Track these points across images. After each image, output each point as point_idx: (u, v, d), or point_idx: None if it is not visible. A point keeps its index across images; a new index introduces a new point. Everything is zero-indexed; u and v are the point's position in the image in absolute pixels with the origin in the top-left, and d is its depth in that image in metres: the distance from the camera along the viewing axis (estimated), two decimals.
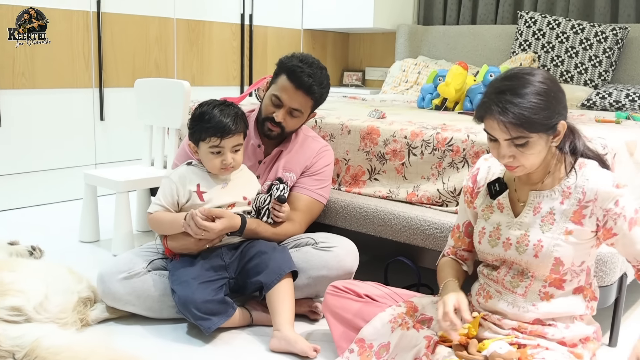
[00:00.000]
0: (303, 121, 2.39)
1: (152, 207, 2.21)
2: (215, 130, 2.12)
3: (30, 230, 3.35)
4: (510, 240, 1.75)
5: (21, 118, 3.82)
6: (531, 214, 1.73)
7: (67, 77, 3.98)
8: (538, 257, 1.70)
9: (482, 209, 1.85)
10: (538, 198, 1.73)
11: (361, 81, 5.82)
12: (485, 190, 1.85)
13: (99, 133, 4.20)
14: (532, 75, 1.61)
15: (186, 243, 2.18)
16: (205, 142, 2.15)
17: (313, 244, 2.27)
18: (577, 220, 1.67)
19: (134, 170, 3.22)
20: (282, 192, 2.27)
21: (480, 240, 1.83)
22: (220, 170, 2.17)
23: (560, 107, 1.62)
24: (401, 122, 2.66)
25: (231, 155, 2.16)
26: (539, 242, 1.70)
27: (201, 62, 4.73)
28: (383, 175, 2.57)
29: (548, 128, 1.61)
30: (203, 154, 2.17)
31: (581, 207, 1.67)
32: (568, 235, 1.68)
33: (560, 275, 1.70)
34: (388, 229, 2.40)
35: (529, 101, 1.57)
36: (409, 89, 4.77)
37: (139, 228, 3.40)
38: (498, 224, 1.79)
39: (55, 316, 2.04)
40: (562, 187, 1.70)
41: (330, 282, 2.10)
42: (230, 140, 2.14)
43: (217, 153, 2.15)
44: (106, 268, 2.20)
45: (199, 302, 2.04)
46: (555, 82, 1.64)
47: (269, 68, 5.21)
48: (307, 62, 2.29)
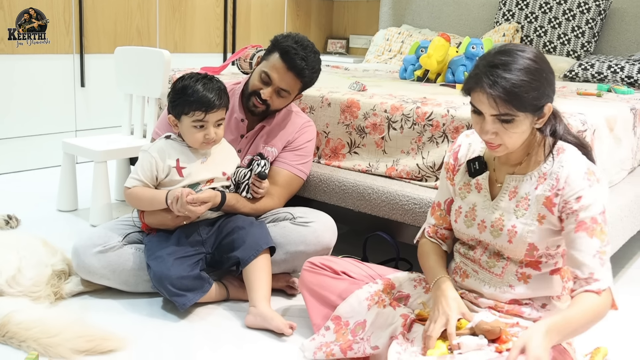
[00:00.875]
0: (289, 102, 2.34)
1: (129, 182, 2.14)
2: (199, 105, 2.05)
3: (7, 198, 3.27)
4: (485, 223, 1.70)
5: (1, 84, 3.70)
6: (507, 198, 1.67)
7: (47, 44, 3.85)
8: (512, 242, 1.65)
9: (460, 186, 1.79)
10: (514, 182, 1.67)
11: (345, 49, 5.74)
12: (465, 168, 1.79)
13: (79, 100, 4.08)
14: (525, 52, 1.55)
15: (164, 219, 2.12)
16: (188, 116, 2.07)
17: (291, 219, 2.22)
18: (548, 206, 1.61)
19: (112, 139, 3.13)
20: (262, 168, 2.20)
21: (457, 219, 1.78)
22: (201, 144, 2.10)
23: (550, 90, 1.56)
24: (382, 95, 2.60)
25: (214, 130, 2.09)
26: (513, 228, 1.64)
27: (184, 29, 4.60)
28: (363, 149, 2.51)
29: (536, 109, 1.55)
30: (185, 128, 2.10)
31: (553, 193, 1.61)
32: (541, 221, 1.62)
33: (535, 258, 1.66)
34: (367, 203, 2.35)
35: (521, 79, 1.51)
36: (392, 58, 4.70)
37: (118, 197, 3.33)
38: (474, 205, 1.74)
39: (28, 290, 1.98)
40: (538, 172, 1.64)
41: (307, 257, 2.06)
42: (214, 115, 2.08)
43: (200, 127, 2.08)
44: (81, 241, 2.13)
45: (174, 278, 1.98)
46: (547, 64, 1.57)
47: (252, 35, 5.09)
48: (302, 45, 2.22)
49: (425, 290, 1.88)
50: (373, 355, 1.77)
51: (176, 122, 2.13)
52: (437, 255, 1.84)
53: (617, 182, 2.48)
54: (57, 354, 1.73)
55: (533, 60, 1.53)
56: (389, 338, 1.74)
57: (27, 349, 1.75)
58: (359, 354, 1.77)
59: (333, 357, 1.79)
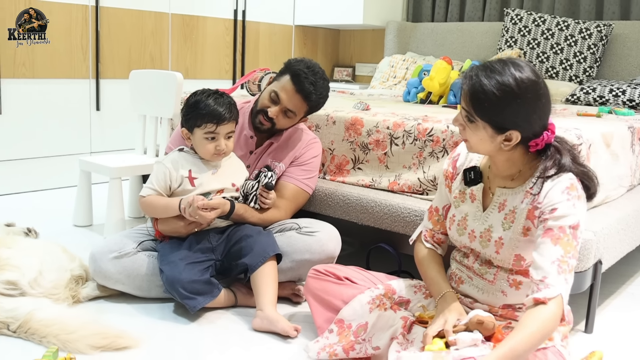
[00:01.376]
0: (294, 123, 2.44)
1: (144, 191, 2.24)
2: (211, 117, 2.16)
3: (26, 214, 3.38)
4: (474, 233, 1.77)
5: (21, 106, 3.85)
6: (496, 211, 1.74)
7: (65, 68, 4.01)
8: (499, 253, 1.71)
9: (455, 195, 1.86)
10: (504, 195, 1.73)
11: (351, 77, 5.85)
12: (461, 176, 1.87)
13: (94, 122, 4.22)
14: (517, 72, 1.57)
15: (176, 226, 2.22)
16: (200, 128, 2.19)
17: (297, 229, 2.31)
18: (531, 218, 1.66)
19: (127, 157, 3.25)
20: (269, 179, 2.30)
21: (450, 226, 1.86)
22: (212, 155, 2.22)
23: (520, 119, 1.58)
24: (384, 113, 2.69)
25: (224, 142, 2.20)
26: (500, 240, 1.70)
27: (195, 56, 4.76)
28: (366, 165, 2.60)
29: (496, 126, 1.59)
30: (197, 140, 2.21)
31: (534, 206, 1.65)
32: (526, 233, 1.67)
33: (523, 267, 1.72)
34: (370, 216, 2.44)
35: (492, 90, 1.56)
36: (397, 84, 4.80)
37: (131, 214, 3.44)
38: (466, 214, 1.81)
39: (49, 291, 2.09)
40: (526, 187, 1.69)
41: (312, 266, 2.12)
42: (225, 127, 2.19)
43: (212, 139, 2.19)
44: (98, 248, 2.24)
45: (186, 282, 2.07)
46: (533, 95, 1.57)
47: (260, 63, 5.24)
48: (313, 70, 2.34)
49: (425, 295, 1.95)
50: (374, 355, 1.83)
51: (189, 134, 2.24)
52: (438, 265, 1.92)
53: (615, 198, 2.53)
54: (75, 349, 1.84)
55: (517, 83, 1.55)
56: (389, 339, 1.80)
57: (47, 344, 1.86)
58: (360, 354, 1.84)
59: (336, 357, 1.86)
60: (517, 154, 1.68)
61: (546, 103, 1.61)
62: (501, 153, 1.68)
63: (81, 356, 1.82)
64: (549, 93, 1.63)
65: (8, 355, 1.82)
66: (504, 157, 1.70)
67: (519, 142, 1.64)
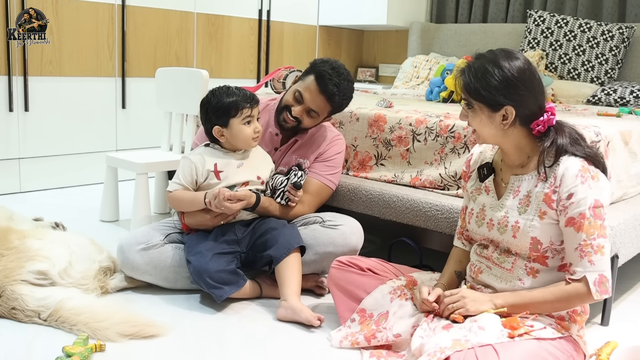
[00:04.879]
0: (317, 122, 2.49)
1: (171, 186, 2.32)
2: (244, 102, 2.26)
3: (53, 211, 3.47)
4: (492, 221, 1.83)
5: (48, 104, 3.95)
6: (511, 197, 1.81)
7: (91, 66, 4.11)
8: (516, 237, 1.77)
9: (471, 191, 1.94)
10: (518, 182, 1.80)
11: (375, 77, 5.89)
12: (476, 174, 1.94)
13: (120, 120, 4.32)
14: (501, 52, 1.74)
15: (203, 219, 2.29)
16: (237, 117, 2.27)
17: (320, 222, 2.37)
18: (548, 202, 1.73)
19: (153, 153, 3.34)
20: (299, 179, 2.37)
21: (469, 220, 1.92)
22: (252, 140, 2.29)
23: (509, 93, 1.70)
24: (407, 110, 2.74)
25: (258, 124, 2.30)
26: (517, 224, 1.77)
27: (220, 55, 4.84)
28: (389, 161, 2.66)
29: (487, 103, 1.72)
30: (236, 130, 2.28)
31: (551, 190, 1.72)
32: (542, 216, 1.74)
33: (540, 253, 1.77)
34: (392, 211, 2.49)
35: (477, 67, 1.72)
36: (420, 84, 4.85)
37: (157, 210, 3.51)
38: (483, 205, 1.88)
39: (78, 282, 2.16)
40: (538, 172, 1.76)
41: (336, 257, 2.17)
42: (256, 110, 2.30)
43: (248, 123, 2.28)
44: (125, 239, 2.31)
45: (213, 272, 2.14)
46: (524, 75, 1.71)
47: (284, 63, 5.30)
48: (338, 72, 2.39)
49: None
50: (395, 343, 1.89)
51: (222, 130, 2.30)
52: (457, 262, 2.01)
53: (633, 195, 2.57)
54: (104, 337, 1.91)
55: (501, 60, 1.71)
56: (411, 327, 1.86)
57: (78, 332, 1.93)
58: (382, 342, 1.89)
59: (358, 345, 1.92)
60: (523, 139, 1.77)
61: (532, 78, 1.73)
62: (507, 138, 1.77)
63: (111, 343, 1.89)
64: (536, 72, 1.75)
65: (40, 343, 1.90)
66: (511, 144, 1.78)
67: (521, 124, 1.74)
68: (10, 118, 3.81)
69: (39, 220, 2.98)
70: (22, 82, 3.81)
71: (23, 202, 3.67)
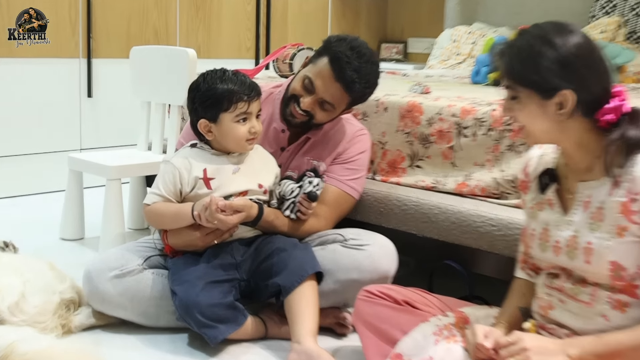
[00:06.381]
0: (333, 117, 2.45)
1: (149, 198, 2.27)
2: (240, 94, 2.21)
3: (2, 225, 3.43)
4: (559, 244, 1.76)
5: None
6: (581, 210, 1.73)
7: (49, 45, 4.08)
8: (590, 262, 1.69)
9: (532, 206, 1.87)
10: (587, 190, 1.72)
11: (402, 54, 5.88)
12: (536, 184, 1.87)
13: (85, 112, 4.29)
14: (552, 24, 1.68)
15: (190, 238, 2.25)
16: (229, 112, 2.22)
17: (342, 241, 2.32)
18: (627, 214, 1.65)
19: (127, 154, 3.30)
20: (315, 188, 2.31)
21: (531, 243, 1.85)
22: (246, 142, 2.25)
23: (565, 72, 1.64)
24: (449, 97, 2.70)
25: (256, 122, 2.26)
26: (589, 245, 1.69)
27: (209, 30, 4.81)
28: (427, 162, 2.61)
29: (537, 87, 1.66)
30: (226, 128, 2.24)
31: (629, 199, 1.64)
32: (621, 233, 1.66)
33: (626, 281, 1.69)
34: (433, 226, 2.44)
35: (522, 44, 1.67)
36: (462, 62, 4.83)
37: (132, 225, 3.48)
38: (547, 224, 1.80)
39: (33, 319, 2.12)
40: (612, 176, 1.68)
41: (362, 287, 2.11)
42: (255, 105, 2.26)
43: (244, 120, 2.23)
44: (94, 264, 2.27)
45: (204, 306, 2.09)
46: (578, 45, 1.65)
47: (289, 39, 5.27)
48: (359, 52, 2.33)
49: None
50: None
51: (210, 126, 2.26)
52: (520, 296, 1.94)
53: None
54: None
55: (551, 33, 1.65)
56: None
57: None
58: None
59: None
60: (586, 134, 1.70)
61: (593, 55, 1.67)
62: (565, 133, 1.70)
63: None
64: (599, 48, 1.69)
65: None
66: (571, 141, 1.71)
67: (582, 114, 1.67)
68: None
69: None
70: None
71: None
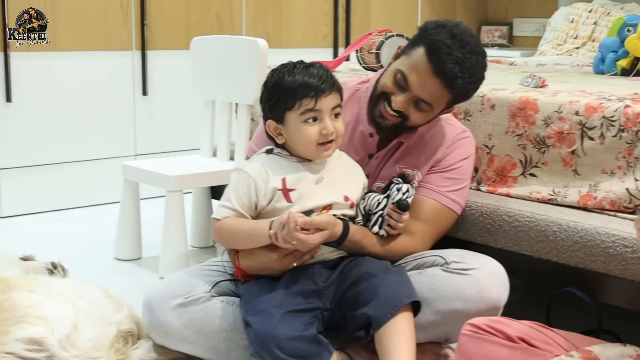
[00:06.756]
0: (431, 117, 2.43)
1: (219, 212, 2.29)
2: (306, 89, 2.20)
3: (49, 243, 3.53)
4: None
5: (37, 92, 4.03)
6: None
7: (98, 37, 4.18)
8: None
9: None
10: None
11: (507, 39, 5.88)
12: None
13: (140, 113, 4.37)
14: None
15: (266, 260, 2.25)
16: (294, 110, 2.22)
17: (442, 265, 2.30)
18: None
19: (189, 161, 3.36)
20: (404, 195, 2.29)
21: None
22: (318, 147, 2.24)
23: None
24: (570, 91, 2.67)
25: (331, 122, 2.23)
26: None
27: (279, 16, 4.85)
28: (543, 169, 2.59)
29: None
30: (293, 129, 2.25)
31: None
32: None
33: None
34: (551, 246, 2.41)
35: None
36: (580, 47, 4.79)
37: (195, 243, 3.53)
38: None
39: (87, 354, 2.15)
40: None
41: (467, 319, 2.11)
42: (327, 100, 2.22)
43: (313, 120, 2.22)
44: (155, 292, 2.30)
45: (283, 340, 2.08)
46: None
47: (372, 24, 5.28)
48: (461, 41, 2.31)
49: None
50: None
51: (279, 128, 2.27)
52: None
53: None
54: None
55: None
56: None
57: None
58: None
59: None
60: None
61: None
62: None
63: None
64: None
65: None
66: None
67: None
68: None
69: (29, 261, 3.01)
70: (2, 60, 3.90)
71: (3, 232, 3.74)
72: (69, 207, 4.18)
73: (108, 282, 2.99)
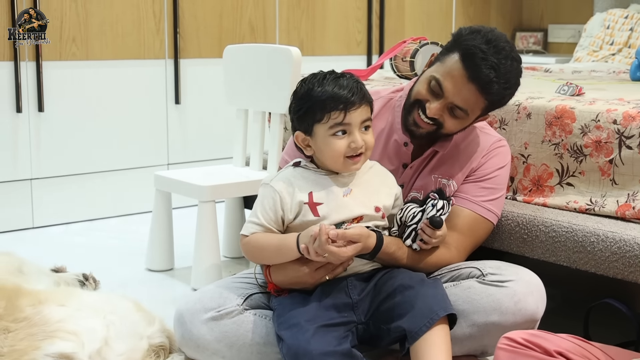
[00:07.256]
0: (466, 125, 2.42)
1: (247, 228, 2.28)
2: (335, 101, 2.18)
3: (79, 256, 3.54)
4: None
5: (69, 101, 4.05)
6: None
7: (131, 45, 4.20)
8: None
9: None
10: None
11: (542, 45, 5.86)
12: None
13: (173, 122, 4.38)
14: None
15: (297, 274, 2.24)
16: (323, 123, 2.21)
17: (478, 277, 2.29)
18: None
19: (222, 171, 3.36)
20: (439, 211, 2.27)
21: None
22: (346, 160, 2.22)
23: None
24: (607, 99, 2.65)
25: (360, 135, 2.21)
26: None
27: (312, 23, 4.85)
28: (580, 179, 2.57)
29: None
30: (321, 142, 2.23)
31: None
32: None
33: None
34: (589, 257, 2.39)
35: None
36: (616, 54, 4.76)
37: (228, 253, 3.53)
38: None
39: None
40: None
41: (504, 332, 2.08)
42: (357, 113, 2.20)
43: (342, 133, 2.20)
44: (187, 304, 2.30)
45: (317, 354, 2.07)
46: None
47: (406, 30, 5.27)
48: (496, 47, 2.29)
49: None
50: None
51: (307, 139, 2.26)
52: None
53: None
54: None
55: None
56: None
57: None
58: None
59: None
60: None
61: None
62: None
63: None
64: None
65: None
66: None
67: None
68: (17, 120, 3.92)
69: (60, 272, 3.02)
70: (34, 69, 3.91)
71: (35, 243, 3.75)
72: (101, 217, 4.20)
73: (139, 293, 3.02)
